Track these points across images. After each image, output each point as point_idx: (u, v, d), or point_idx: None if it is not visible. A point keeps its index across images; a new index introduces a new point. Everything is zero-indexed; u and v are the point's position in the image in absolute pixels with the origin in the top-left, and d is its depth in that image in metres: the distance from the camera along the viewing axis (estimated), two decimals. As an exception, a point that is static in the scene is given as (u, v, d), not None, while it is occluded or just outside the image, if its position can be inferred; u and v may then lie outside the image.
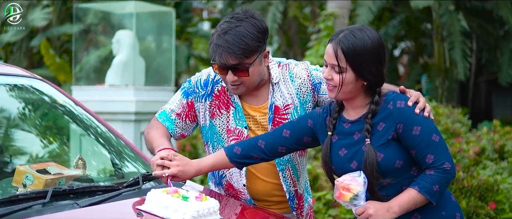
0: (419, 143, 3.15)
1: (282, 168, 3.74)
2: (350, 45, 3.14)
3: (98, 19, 11.30)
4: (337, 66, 3.18)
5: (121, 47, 9.17)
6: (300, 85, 3.72)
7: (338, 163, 3.30)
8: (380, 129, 3.20)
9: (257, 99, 3.72)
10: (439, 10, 16.22)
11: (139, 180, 3.44)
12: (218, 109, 3.72)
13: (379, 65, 3.19)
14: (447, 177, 3.19)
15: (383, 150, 3.18)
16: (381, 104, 3.22)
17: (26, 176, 3.29)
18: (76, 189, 3.17)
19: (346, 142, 3.29)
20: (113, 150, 4.01)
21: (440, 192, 3.20)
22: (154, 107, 8.83)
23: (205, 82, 3.75)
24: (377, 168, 3.16)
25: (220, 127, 3.73)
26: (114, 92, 8.87)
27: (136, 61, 9.16)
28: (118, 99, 8.67)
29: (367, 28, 3.21)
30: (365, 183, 3.18)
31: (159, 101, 8.95)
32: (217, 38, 3.48)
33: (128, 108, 8.47)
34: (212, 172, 3.85)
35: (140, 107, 8.57)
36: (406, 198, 3.19)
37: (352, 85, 3.20)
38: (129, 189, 3.35)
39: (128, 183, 3.43)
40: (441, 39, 16.69)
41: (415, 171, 3.25)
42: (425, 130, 3.17)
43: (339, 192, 3.19)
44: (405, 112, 3.17)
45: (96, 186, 3.31)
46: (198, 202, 3.00)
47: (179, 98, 3.78)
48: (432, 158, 3.17)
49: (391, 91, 3.26)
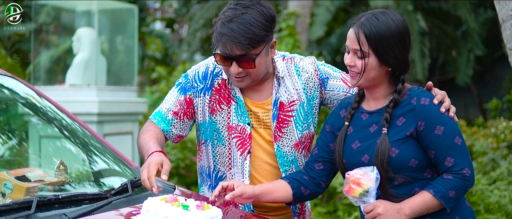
0: (440, 143, 2.99)
1: (285, 170, 3.48)
2: (373, 28, 2.99)
3: (56, 17, 10.92)
4: (359, 50, 3.01)
5: (82, 45, 8.85)
6: (307, 79, 3.49)
7: (349, 156, 3.13)
8: (399, 124, 3.03)
9: (259, 94, 3.46)
10: (397, 10, 16.16)
11: (127, 186, 3.18)
12: (218, 104, 3.44)
13: (403, 50, 3.04)
14: (466, 183, 3.01)
15: (400, 146, 3.01)
16: (404, 97, 3.04)
17: (4, 184, 2.98)
18: (63, 199, 2.87)
19: (361, 135, 3.13)
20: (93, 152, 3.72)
21: (456, 199, 3.03)
22: (117, 108, 8.51)
23: (203, 75, 3.47)
24: (388, 161, 2.99)
25: (220, 124, 3.45)
26: (75, 92, 8.52)
27: (97, 60, 8.84)
28: (80, 100, 8.30)
29: (390, 11, 3.06)
30: (378, 180, 2.98)
31: (122, 102, 8.64)
32: (221, 26, 3.21)
33: (91, 109, 8.12)
34: (207, 174, 3.56)
35: (102, 108, 8.22)
36: (419, 201, 3.01)
37: (375, 71, 3.03)
38: (119, 197, 3.07)
39: (116, 190, 3.14)
40: (398, 39, 16.63)
41: (430, 174, 3.07)
42: (449, 131, 3.00)
43: (349, 186, 2.99)
44: (429, 110, 3.00)
45: (83, 194, 3.00)
46: (200, 211, 2.74)
47: (175, 95, 3.48)
48: (452, 162, 3.00)
49: (416, 86, 3.09)
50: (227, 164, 3.48)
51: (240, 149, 3.44)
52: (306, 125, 3.50)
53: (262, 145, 3.46)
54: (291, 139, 3.47)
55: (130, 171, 3.57)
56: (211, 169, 3.53)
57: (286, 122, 3.45)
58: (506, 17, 5.90)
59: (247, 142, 3.43)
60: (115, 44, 9.71)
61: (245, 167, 3.44)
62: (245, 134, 3.43)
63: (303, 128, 3.50)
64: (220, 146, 3.46)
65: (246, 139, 3.43)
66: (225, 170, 3.49)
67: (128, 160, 3.68)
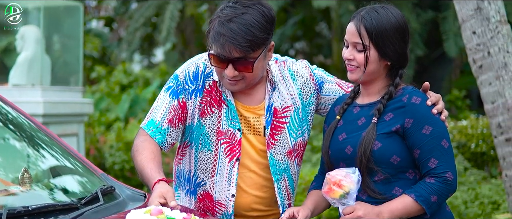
0: (426, 143, 2.95)
1: (277, 179, 3.30)
2: (373, 21, 3.00)
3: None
4: (360, 44, 2.99)
5: (25, 44, 8.53)
6: (303, 84, 3.33)
7: (334, 149, 3.10)
8: (387, 119, 3.01)
9: (251, 98, 3.27)
10: (339, 10, 16.20)
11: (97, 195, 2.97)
12: (209, 106, 3.24)
13: (403, 44, 3.02)
14: (448, 188, 2.97)
15: (383, 140, 2.98)
16: (397, 94, 3.02)
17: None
18: (33, 210, 2.65)
19: (348, 128, 3.10)
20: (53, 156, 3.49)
21: (437, 204, 2.98)
22: (63, 109, 8.25)
23: (194, 75, 3.25)
24: (371, 152, 2.95)
25: (209, 128, 3.24)
26: (19, 93, 8.20)
27: (42, 59, 8.53)
28: (24, 100, 7.97)
29: (389, 6, 3.05)
30: (359, 182, 2.93)
31: (68, 103, 8.37)
32: (219, 25, 3.02)
33: (36, 109, 7.81)
34: (187, 178, 3.35)
35: (48, 109, 7.93)
36: (400, 205, 2.96)
37: (375, 64, 3.02)
38: (91, 207, 2.86)
39: (87, 199, 2.92)
40: (340, 40, 16.70)
41: (412, 175, 3.02)
42: (437, 132, 2.96)
43: (329, 187, 2.94)
44: (419, 109, 2.97)
45: (54, 205, 2.78)
46: (188, 224, 2.55)
47: (167, 100, 3.25)
48: (436, 163, 2.96)
49: (411, 86, 3.06)
50: (210, 171, 3.28)
51: (229, 156, 3.25)
52: (301, 132, 3.34)
53: (250, 153, 3.28)
54: (284, 146, 3.30)
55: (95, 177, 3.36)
56: (191, 174, 3.32)
57: (279, 129, 3.28)
58: (466, 17, 5.87)
59: (237, 149, 3.25)
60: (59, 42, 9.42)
61: (232, 175, 3.26)
62: (235, 140, 3.24)
63: (297, 135, 3.33)
64: (205, 151, 3.27)
65: (235, 146, 3.25)
66: (205, 177, 3.30)
67: (92, 166, 3.46)
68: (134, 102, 14.28)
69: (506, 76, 5.61)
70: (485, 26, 5.65)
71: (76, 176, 3.40)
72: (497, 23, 5.64)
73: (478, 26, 5.68)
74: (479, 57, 5.71)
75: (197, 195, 3.33)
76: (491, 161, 9.29)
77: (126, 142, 10.28)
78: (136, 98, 14.40)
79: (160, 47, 20.32)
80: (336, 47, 16.98)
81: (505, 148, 5.66)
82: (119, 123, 12.25)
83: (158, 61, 21.94)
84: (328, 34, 19.37)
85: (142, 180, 3.12)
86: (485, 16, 5.65)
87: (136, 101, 14.33)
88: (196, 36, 19.89)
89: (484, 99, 5.78)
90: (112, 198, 3.13)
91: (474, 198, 7.66)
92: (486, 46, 5.65)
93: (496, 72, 5.62)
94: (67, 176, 3.40)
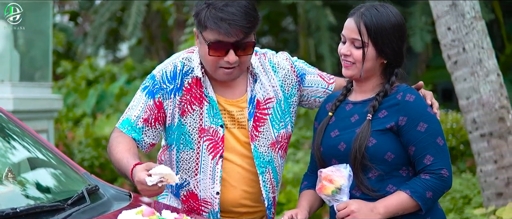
0: (421, 140, 2.97)
1: (262, 171, 3.29)
2: (373, 19, 3.01)
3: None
4: (359, 40, 3.00)
5: (-7, 39, 8.38)
6: (284, 76, 3.33)
7: (326, 145, 3.10)
8: (381, 117, 3.02)
9: (233, 91, 3.27)
10: (305, 6, 16.22)
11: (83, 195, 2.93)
12: (189, 105, 3.21)
13: (400, 43, 3.03)
14: (443, 185, 2.97)
15: (378, 137, 3.00)
16: (392, 91, 3.03)
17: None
18: (21, 212, 2.62)
19: (341, 124, 3.10)
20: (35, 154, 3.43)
21: (432, 201, 2.98)
22: (33, 105, 8.11)
23: (172, 74, 3.22)
24: (365, 149, 2.96)
25: (190, 126, 3.22)
26: (-13, 89, 8.05)
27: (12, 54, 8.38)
28: (-7, 97, 7.85)
29: (387, 4, 3.06)
30: (350, 177, 2.95)
31: (38, 99, 8.23)
32: (217, 11, 3.04)
33: (5, 106, 7.60)
34: None
35: (18, 105, 7.78)
36: (394, 201, 2.96)
37: (372, 62, 3.03)
38: (78, 208, 2.83)
39: (73, 199, 2.88)
40: (306, 35, 16.72)
41: (405, 172, 3.03)
42: (432, 129, 2.99)
43: (321, 184, 2.95)
44: (414, 106, 2.99)
45: (41, 206, 2.73)
46: (181, 225, 2.51)
47: (143, 100, 3.22)
48: (431, 160, 2.97)
49: (405, 84, 3.08)
50: (193, 170, 3.25)
51: (212, 153, 3.23)
52: (283, 124, 3.33)
53: (236, 147, 3.26)
54: (267, 138, 3.29)
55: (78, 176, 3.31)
56: None
57: (262, 121, 3.28)
58: (441, 13, 5.89)
59: (220, 145, 3.23)
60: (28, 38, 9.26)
61: (216, 172, 3.24)
62: (218, 136, 3.23)
63: (280, 126, 3.32)
64: (187, 150, 3.24)
65: (218, 142, 3.23)
66: (188, 176, 3.26)
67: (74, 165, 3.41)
68: (101, 97, 14.17)
69: (481, 72, 5.64)
70: (460, 22, 5.68)
71: (60, 175, 3.36)
72: (472, 19, 5.67)
73: (453, 22, 5.71)
74: (454, 53, 5.74)
75: (180, 197, 3.31)
76: (460, 156, 9.36)
77: (95, 138, 10.19)
78: (103, 93, 14.28)
79: (125, 42, 20.18)
80: (302, 42, 17.02)
81: (480, 143, 5.70)
82: (87, 119, 12.13)
83: (123, 56, 21.79)
84: (294, 28, 19.38)
85: (120, 172, 3.09)
86: (460, 12, 5.68)
87: (103, 96, 14.22)
88: (162, 30, 19.80)
89: (458, 95, 5.81)
90: (97, 197, 3.10)
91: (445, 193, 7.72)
92: (461, 42, 5.68)
93: (471, 68, 5.65)
94: (50, 176, 3.36)
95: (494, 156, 5.64)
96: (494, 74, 5.65)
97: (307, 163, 8.53)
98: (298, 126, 11.68)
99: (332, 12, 16.40)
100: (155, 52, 19.26)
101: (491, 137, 5.63)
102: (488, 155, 5.67)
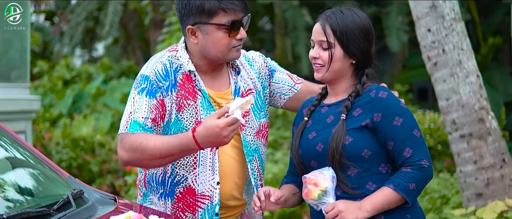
0: (399, 134, 3.05)
1: (250, 160, 3.35)
2: (338, 20, 3.12)
3: None
4: (325, 42, 3.11)
5: (-30, 39, 8.31)
6: (259, 69, 3.46)
7: (305, 147, 3.17)
8: (355, 115, 3.10)
9: (219, 84, 3.34)
10: (282, 6, 16.25)
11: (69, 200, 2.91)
12: (185, 100, 3.24)
13: (367, 43, 3.14)
14: (424, 175, 3.06)
15: (354, 134, 3.07)
16: (364, 91, 3.12)
17: None
18: (7, 218, 2.59)
19: (317, 126, 3.17)
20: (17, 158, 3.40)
21: (416, 191, 3.07)
22: (11, 106, 8.04)
23: (164, 72, 3.23)
24: (342, 147, 3.03)
25: (187, 121, 3.23)
26: (-35, 90, 7.96)
27: (-13, 55, 8.32)
28: (-30, 98, 7.77)
29: (354, 8, 3.20)
30: (334, 178, 3.03)
31: (16, 99, 8.16)
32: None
33: (-17, 107, 7.62)
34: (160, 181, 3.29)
35: (-4, 106, 7.73)
36: (380, 197, 3.03)
37: (340, 62, 3.13)
38: (64, 213, 2.82)
39: (59, 204, 2.87)
40: (283, 34, 16.75)
41: (385, 169, 3.11)
42: (407, 122, 3.07)
43: (307, 189, 3.04)
44: (387, 102, 3.08)
45: (27, 212, 2.71)
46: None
47: (145, 101, 3.18)
48: (410, 152, 3.05)
49: (377, 83, 3.17)
50: (191, 164, 3.25)
51: None
52: (264, 113, 3.46)
53: None
54: (252, 127, 3.38)
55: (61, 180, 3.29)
56: (167, 175, 3.27)
57: (247, 111, 3.35)
58: (421, 14, 5.92)
59: None
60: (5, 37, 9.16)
61: (215, 162, 3.27)
62: None
63: (261, 115, 3.43)
64: None
65: None
66: (186, 172, 3.26)
67: (58, 168, 3.38)
68: (78, 98, 14.07)
69: (461, 73, 5.69)
70: (440, 23, 5.72)
71: (44, 179, 3.33)
72: (451, 21, 5.71)
73: (433, 24, 5.75)
74: (434, 55, 5.78)
75: (175, 195, 3.29)
76: (438, 156, 9.42)
77: (73, 138, 10.10)
78: (80, 93, 14.18)
79: (101, 41, 20.08)
80: (279, 42, 17.04)
81: (460, 144, 5.74)
82: (65, 119, 12.04)
83: (99, 55, 21.67)
84: (271, 28, 19.40)
85: (174, 153, 3.08)
86: (440, 14, 5.72)
87: (80, 96, 14.12)
88: (139, 30, 19.72)
89: (438, 96, 5.85)
90: (82, 202, 3.08)
91: (423, 193, 7.75)
92: (441, 43, 5.72)
93: (451, 69, 5.69)
94: (34, 180, 3.32)
95: (474, 157, 5.69)
96: (473, 76, 5.70)
97: (286, 164, 8.54)
98: (276, 126, 11.70)
99: (309, 12, 16.43)
100: (132, 52, 19.18)
101: (471, 138, 5.68)
102: (468, 156, 5.72)
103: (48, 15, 20.49)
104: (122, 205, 3.14)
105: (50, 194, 3.18)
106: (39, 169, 3.35)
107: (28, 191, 3.18)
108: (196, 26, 3.22)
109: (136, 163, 3.16)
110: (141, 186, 3.38)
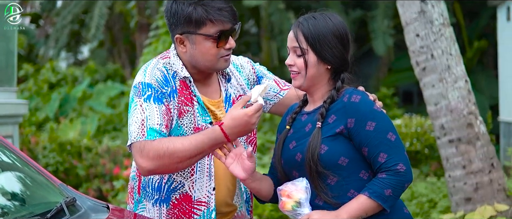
0: (372, 139, 2.97)
1: None
2: (310, 26, 3.08)
3: None
4: (299, 48, 3.08)
5: (-43, 44, 8.25)
6: (247, 75, 3.45)
7: (286, 157, 3.12)
8: (330, 122, 3.03)
9: (211, 91, 3.33)
10: (268, 9, 16.25)
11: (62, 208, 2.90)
12: (184, 106, 3.22)
13: (341, 48, 3.08)
14: (401, 180, 2.97)
15: (329, 143, 2.99)
16: (339, 96, 3.06)
17: None
18: (2, 226, 2.57)
19: (297, 135, 3.12)
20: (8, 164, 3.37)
21: (393, 197, 2.98)
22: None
23: (163, 78, 3.21)
24: (318, 157, 2.97)
25: (186, 127, 3.21)
26: (-49, 95, 7.92)
27: (-24, 59, 8.27)
28: (-43, 103, 7.72)
29: (329, 13, 3.15)
30: (308, 189, 2.98)
31: (3, 104, 8.11)
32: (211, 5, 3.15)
33: (-30, 112, 7.57)
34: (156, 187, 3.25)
35: (-18, 111, 7.69)
36: (355, 205, 2.96)
37: (314, 69, 3.07)
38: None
39: (52, 213, 2.85)
40: (269, 38, 16.75)
41: (366, 176, 3.03)
42: (381, 126, 2.99)
43: (282, 201, 3.00)
44: (359, 107, 3.01)
45: (20, 221, 2.70)
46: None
47: (155, 108, 3.12)
48: (385, 158, 2.97)
49: (352, 87, 3.10)
50: (189, 170, 3.23)
51: None
52: None
53: None
54: None
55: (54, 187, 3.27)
56: (164, 181, 3.24)
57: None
58: (410, 20, 5.95)
59: None
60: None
61: (212, 168, 3.26)
62: None
63: None
64: None
65: None
66: (183, 178, 3.24)
67: (50, 176, 3.36)
68: (64, 101, 14.03)
69: (449, 78, 5.71)
70: (428, 29, 5.75)
71: (36, 187, 3.31)
72: (440, 26, 5.74)
73: (421, 29, 5.78)
74: (422, 60, 5.80)
75: (170, 201, 3.26)
76: (425, 159, 9.45)
77: (60, 142, 10.07)
78: (66, 97, 14.14)
79: (87, 44, 20.02)
80: (265, 45, 17.04)
81: (448, 149, 5.77)
82: (51, 123, 11.99)
83: (85, 58, 21.61)
84: (256, 31, 19.41)
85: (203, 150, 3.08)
86: (428, 19, 5.75)
87: (66, 100, 14.08)
88: (124, 33, 19.69)
89: (427, 101, 5.87)
90: (75, 210, 3.06)
91: (410, 197, 7.78)
92: (429, 48, 5.75)
93: (440, 74, 5.72)
94: (26, 188, 3.30)
95: (462, 162, 5.72)
96: (462, 81, 5.73)
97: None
98: (263, 130, 11.70)
99: (295, 16, 16.46)
100: (117, 55, 19.15)
101: (459, 143, 5.71)
102: (456, 161, 5.74)
103: (34, 17, 20.41)
104: (114, 213, 3.12)
105: (43, 201, 3.16)
106: (31, 176, 3.33)
107: (20, 198, 3.16)
108: (185, 36, 3.20)
109: (162, 170, 3.10)
110: (134, 193, 3.35)
